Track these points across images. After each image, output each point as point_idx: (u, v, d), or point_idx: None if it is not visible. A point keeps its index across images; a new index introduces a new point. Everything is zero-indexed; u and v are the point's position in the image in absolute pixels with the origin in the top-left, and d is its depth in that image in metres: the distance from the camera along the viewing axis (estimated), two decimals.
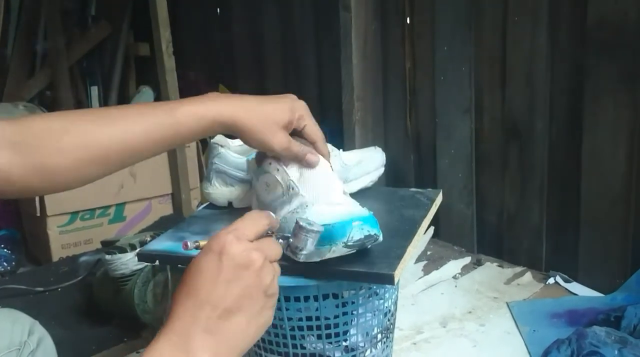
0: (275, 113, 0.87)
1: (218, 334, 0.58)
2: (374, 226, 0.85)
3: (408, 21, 1.74)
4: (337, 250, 0.83)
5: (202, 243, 0.65)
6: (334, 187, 0.96)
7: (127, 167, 0.84)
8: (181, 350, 0.57)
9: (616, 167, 1.33)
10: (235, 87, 2.57)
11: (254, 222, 0.66)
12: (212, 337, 0.58)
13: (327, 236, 0.81)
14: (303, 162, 0.91)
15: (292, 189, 0.93)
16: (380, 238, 0.86)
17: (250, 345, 0.62)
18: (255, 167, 1.00)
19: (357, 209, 0.89)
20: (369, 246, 0.86)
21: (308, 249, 0.75)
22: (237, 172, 1.11)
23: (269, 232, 0.70)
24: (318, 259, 0.84)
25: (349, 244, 0.83)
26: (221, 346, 0.58)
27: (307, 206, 0.90)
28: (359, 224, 0.83)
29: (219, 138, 1.09)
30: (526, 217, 1.55)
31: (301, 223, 0.74)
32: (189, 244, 0.69)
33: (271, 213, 0.73)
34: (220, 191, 1.11)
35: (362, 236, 0.83)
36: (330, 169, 0.97)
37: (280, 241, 0.73)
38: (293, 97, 0.92)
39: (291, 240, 0.75)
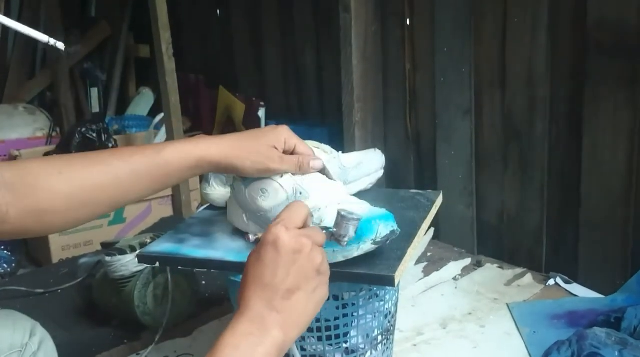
0: (262, 141, 0.92)
1: (284, 311, 0.67)
2: (394, 222, 0.88)
3: (408, 22, 1.74)
4: (365, 247, 0.86)
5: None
6: (339, 190, 0.97)
7: (119, 207, 0.90)
8: (256, 327, 0.65)
9: (616, 168, 1.33)
10: (235, 89, 2.57)
11: (297, 211, 0.73)
12: (279, 315, 0.66)
13: (358, 234, 0.84)
14: (308, 169, 0.95)
15: (300, 193, 0.93)
16: (398, 233, 0.89)
17: (312, 318, 0.70)
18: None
19: (374, 208, 0.91)
20: (388, 242, 0.87)
21: (350, 236, 0.81)
22: None
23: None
24: (343, 259, 0.87)
25: (377, 240, 0.86)
26: (287, 321, 0.67)
27: (319, 208, 0.91)
28: (385, 221, 0.87)
29: None
30: (526, 219, 1.55)
31: (343, 213, 0.80)
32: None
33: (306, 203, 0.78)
34: (218, 192, 1.11)
35: (388, 232, 0.86)
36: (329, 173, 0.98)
37: (324, 231, 0.79)
38: (274, 126, 0.96)
39: (334, 230, 0.81)
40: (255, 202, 0.95)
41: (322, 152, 1.15)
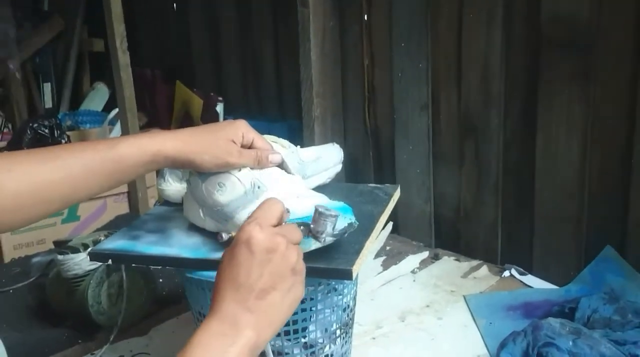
0: (220, 134, 0.91)
1: (257, 311, 0.66)
2: (352, 214, 0.89)
3: (366, 18, 1.74)
4: (325, 240, 0.86)
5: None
6: (297, 182, 0.97)
7: (71, 204, 0.87)
8: (228, 327, 0.64)
9: (569, 162, 1.36)
10: (193, 84, 2.54)
11: (271, 208, 0.72)
12: (253, 315, 0.65)
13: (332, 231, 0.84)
14: (266, 163, 0.94)
15: (259, 187, 0.92)
16: (356, 226, 0.89)
17: (287, 318, 0.70)
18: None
19: (332, 201, 0.92)
20: (346, 235, 0.87)
21: (328, 232, 0.81)
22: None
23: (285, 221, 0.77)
24: (309, 250, 0.85)
25: (334, 233, 0.85)
26: (261, 321, 0.66)
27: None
28: (342, 213, 0.87)
29: None
30: (482, 212, 1.57)
31: (320, 210, 0.80)
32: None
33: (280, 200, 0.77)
34: (174, 188, 1.09)
35: (346, 225, 0.86)
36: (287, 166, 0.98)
37: (301, 227, 0.79)
38: (232, 120, 0.95)
39: (312, 226, 0.80)
40: (212, 197, 0.94)
41: (280, 147, 1.14)
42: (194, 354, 0.62)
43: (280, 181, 0.95)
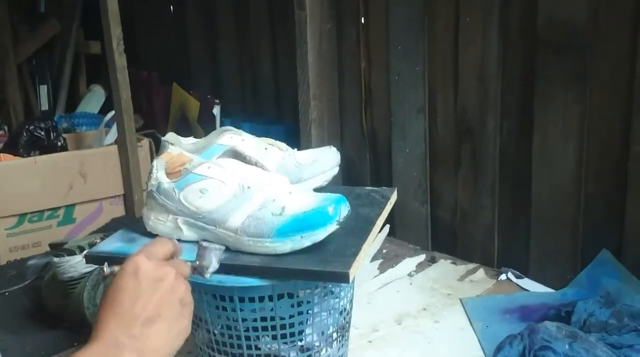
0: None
1: (142, 339, 0.64)
2: (348, 203, 0.93)
3: (363, 21, 1.75)
4: (331, 228, 0.90)
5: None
6: (282, 181, 0.97)
7: None
8: (112, 350, 0.63)
9: (566, 165, 1.36)
10: (190, 86, 2.54)
11: (160, 244, 0.73)
12: (137, 341, 0.64)
13: (324, 217, 0.88)
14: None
15: (249, 187, 0.92)
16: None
17: (174, 349, 0.69)
18: (167, 177, 0.97)
19: (328, 194, 0.96)
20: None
21: (214, 267, 0.80)
22: None
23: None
24: (310, 243, 0.90)
25: (340, 220, 0.90)
26: (147, 347, 0.65)
27: (273, 199, 0.91)
28: (344, 203, 0.91)
29: (170, 136, 1.07)
30: (478, 215, 1.57)
31: (204, 244, 0.80)
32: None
33: (174, 239, 0.79)
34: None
35: (347, 212, 0.91)
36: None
37: (189, 264, 0.78)
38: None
39: (196, 262, 0.79)
40: (195, 204, 0.93)
41: (277, 150, 1.14)
42: None
43: (266, 180, 0.95)
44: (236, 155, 1.01)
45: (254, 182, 0.93)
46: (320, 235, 0.90)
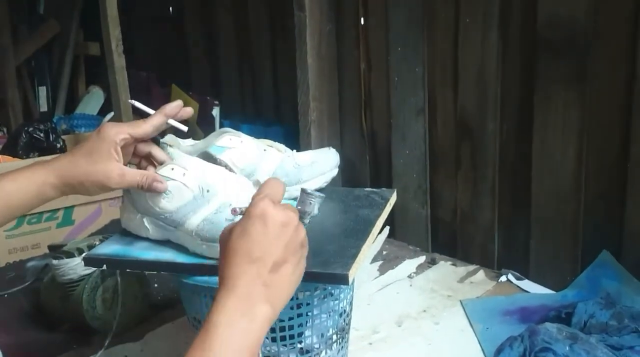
0: (95, 157, 0.89)
1: (272, 286, 0.66)
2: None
3: (362, 22, 1.74)
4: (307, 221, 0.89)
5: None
6: (243, 182, 0.97)
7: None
8: (247, 305, 0.64)
9: (566, 166, 1.36)
10: (189, 87, 2.54)
11: (278, 186, 0.73)
12: (267, 289, 0.65)
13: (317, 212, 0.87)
14: (150, 190, 0.92)
15: (208, 190, 0.92)
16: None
17: (294, 290, 0.70)
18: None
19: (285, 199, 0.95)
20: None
21: (314, 213, 0.82)
22: None
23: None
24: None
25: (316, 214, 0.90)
26: (275, 295, 0.66)
27: (230, 204, 0.90)
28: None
29: (169, 138, 1.06)
30: (478, 216, 1.57)
31: (308, 191, 0.82)
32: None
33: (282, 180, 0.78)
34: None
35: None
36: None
37: None
38: (102, 130, 0.91)
39: (299, 207, 0.81)
40: (159, 205, 0.93)
41: (276, 151, 1.14)
42: (216, 334, 0.61)
43: (228, 181, 0.96)
44: (207, 155, 1.02)
45: (213, 185, 0.93)
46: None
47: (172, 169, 0.94)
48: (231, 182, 0.95)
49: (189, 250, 0.95)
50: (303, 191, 0.82)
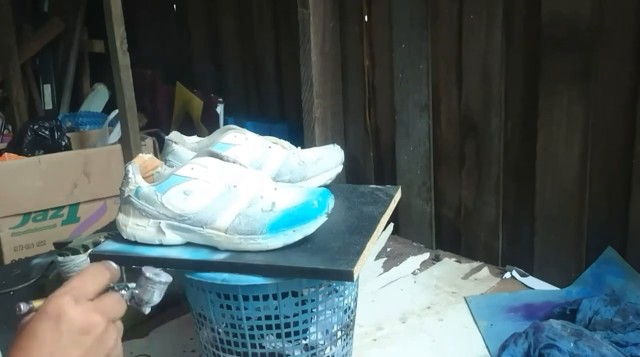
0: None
1: None
2: (332, 195, 0.96)
3: (366, 19, 1.74)
4: (321, 220, 0.92)
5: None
6: (267, 177, 0.99)
7: None
8: None
9: (570, 163, 1.36)
10: (193, 85, 2.54)
11: (93, 278, 0.61)
12: None
13: (314, 210, 0.90)
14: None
15: (235, 186, 0.92)
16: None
17: None
18: (144, 182, 0.96)
19: (312, 188, 0.99)
20: None
21: (154, 302, 0.69)
22: None
23: (111, 285, 0.65)
24: (301, 237, 0.91)
25: (328, 212, 0.92)
26: None
27: (261, 196, 0.91)
28: (330, 195, 0.94)
29: (174, 135, 1.07)
30: (483, 213, 1.57)
31: (147, 274, 0.68)
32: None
33: (112, 263, 0.67)
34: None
35: (333, 204, 0.93)
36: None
37: (123, 292, 0.67)
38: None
39: (136, 291, 0.68)
40: (179, 206, 0.92)
41: (280, 148, 1.14)
42: None
43: (247, 176, 0.95)
44: (212, 154, 1.00)
45: (239, 181, 0.93)
46: (311, 228, 0.92)
47: (192, 168, 0.94)
48: (250, 176, 0.95)
49: (218, 248, 0.94)
50: (143, 273, 0.68)
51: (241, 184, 0.92)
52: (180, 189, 0.92)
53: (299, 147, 1.17)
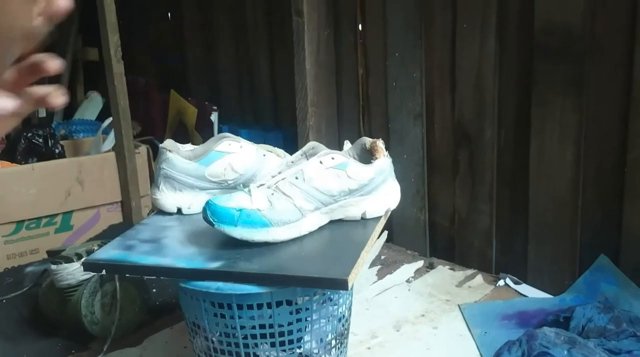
0: None
1: None
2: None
3: (360, 27, 1.75)
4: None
5: None
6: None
7: None
8: None
9: (563, 171, 1.36)
10: (187, 93, 2.54)
11: None
12: None
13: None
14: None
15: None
16: None
17: None
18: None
19: None
20: None
21: None
22: (185, 177, 1.09)
23: None
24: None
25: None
26: None
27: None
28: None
29: (168, 143, 1.07)
30: (476, 221, 1.57)
31: None
32: None
33: None
34: (168, 197, 1.09)
35: None
36: None
37: None
38: None
39: None
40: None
41: (275, 156, 1.14)
42: None
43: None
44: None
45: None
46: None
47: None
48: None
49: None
50: None
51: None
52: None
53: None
